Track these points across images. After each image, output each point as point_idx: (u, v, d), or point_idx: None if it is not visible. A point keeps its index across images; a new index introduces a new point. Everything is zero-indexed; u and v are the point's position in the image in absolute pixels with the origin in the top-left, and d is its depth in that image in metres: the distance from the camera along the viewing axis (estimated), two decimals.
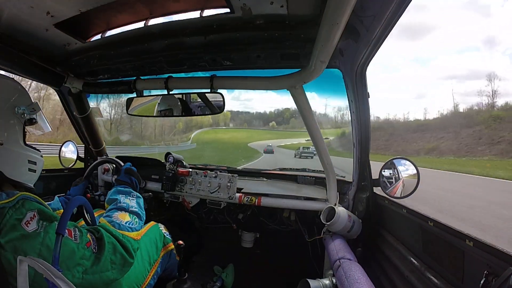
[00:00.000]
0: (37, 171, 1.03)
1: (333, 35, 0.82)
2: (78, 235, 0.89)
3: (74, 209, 0.97)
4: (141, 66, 1.45)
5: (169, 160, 1.93)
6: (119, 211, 1.11)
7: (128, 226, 1.06)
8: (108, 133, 16.80)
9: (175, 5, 1.08)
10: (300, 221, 1.85)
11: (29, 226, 0.80)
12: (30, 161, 0.99)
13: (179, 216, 2.25)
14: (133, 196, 1.21)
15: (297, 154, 23.80)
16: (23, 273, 0.66)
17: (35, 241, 0.79)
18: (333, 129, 18.25)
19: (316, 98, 1.74)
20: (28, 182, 0.99)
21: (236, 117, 57.44)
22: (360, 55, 1.11)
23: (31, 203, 0.85)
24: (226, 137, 41.20)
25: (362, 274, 1.06)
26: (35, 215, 0.83)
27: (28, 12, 1.01)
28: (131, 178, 1.34)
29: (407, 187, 1.43)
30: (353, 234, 1.51)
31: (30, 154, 0.99)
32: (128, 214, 1.11)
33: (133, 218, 1.11)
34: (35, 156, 1.01)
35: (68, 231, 0.86)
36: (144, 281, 1.30)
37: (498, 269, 0.71)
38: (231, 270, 1.94)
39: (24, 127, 0.99)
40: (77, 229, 0.91)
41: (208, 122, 45.54)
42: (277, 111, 62.01)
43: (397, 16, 0.83)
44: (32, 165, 1.00)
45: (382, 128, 47.22)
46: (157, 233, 1.54)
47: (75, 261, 0.85)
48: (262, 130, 53.43)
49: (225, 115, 51.63)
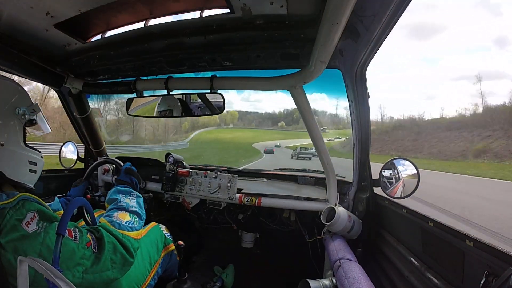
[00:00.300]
0: (38, 171, 1.03)
1: (333, 35, 0.82)
2: (78, 235, 0.89)
3: (74, 210, 0.97)
4: (141, 67, 1.45)
5: (169, 161, 1.93)
6: (119, 210, 1.11)
7: (128, 225, 1.06)
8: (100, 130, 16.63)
9: (175, 5, 1.08)
10: (300, 222, 1.85)
11: (30, 227, 0.80)
12: (30, 162, 0.99)
13: (179, 216, 2.25)
14: (133, 196, 1.21)
15: (294, 155, 22.71)
16: (23, 273, 0.66)
17: (35, 241, 0.79)
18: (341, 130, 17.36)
19: (326, 99, 1.74)
20: (29, 182, 0.99)
21: (244, 117, 56.74)
22: (360, 55, 1.10)
23: (31, 204, 0.85)
24: (228, 137, 40.38)
25: (362, 275, 1.06)
26: (35, 216, 0.83)
27: (28, 12, 1.01)
28: (131, 177, 1.34)
29: (407, 188, 1.43)
30: (353, 235, 1.51)
31: (30, 155, 1.00)
32: (128, 213, 1.11)
33: (133, 218, 1.11)
34: (35, 157, 1.02)
35: (68, 231, 0.87)
36: (145, 281, 1.30)
37: (498, 270, 0.71)
38: (231, 271, 1.94)
39: (25, 128, 0.99)
40: (77, 229, 0.91)
41: (215, 122, 45.34)
42: (286, 111, 60.76)
43: (397, 16, 0.83)
44: (32, 166, 1.00)
45: (404, 127, 41.98)
46: (158, 234, 1.54)
47: (75, 261, 0.85)
48: (270, 130, 52.50)
49: (233, 115, 51.24)
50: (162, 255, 1.49)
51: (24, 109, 0.97)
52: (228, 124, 50.31)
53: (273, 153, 26.71)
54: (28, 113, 0.98)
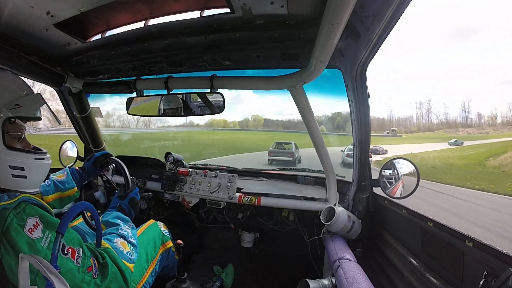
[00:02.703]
0: (31, 176, 0.94)
1: (333, 35, 0.82)
2: (81, 257, 0.87)
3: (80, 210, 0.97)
4: (141, 66, 1.45)
5: (169, 160, 1.93)
6: (120, 237, 1.10)
7: (129, 256, 1.05)
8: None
9: (175, 5, 1.08)
10: (299, 221, 1.85)
11: (34, 234, 0.80)
12: (12, 167, 0.89)
13: (178, 215, 2.25)
14: (130, 226, 1.19)
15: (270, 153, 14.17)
16: (24, 270, 0.66)
17: (38, 250, 0.79)
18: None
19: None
20: (22, 189, 0.92)
21: (271, 123, 50.79)
22: (360, 55, 1.10)
23: (32, 208, 0.84)
24: (225, 138, 38.70)
25: (362, 275, 1.06)
26: (38, 223, 0.82)
27: (28, 12, 1.01)
28: (131, 210, 1.30)
29: (407, 188, 1.43)
30: (353, 234, 1.51)
31: (12, 159, 0.89)
32: (127, 243, 1.10)
33: (131, 249, 1.10)
34: (22, 160, 0.92)
35: (72, 250, 0.86)
36: (142, 278, 1.31)
37: (497, 270, 0.71)
38: (231, 270, 1.94)
39: (3, 128, 0.89)
40: (82, 250, 0.89)
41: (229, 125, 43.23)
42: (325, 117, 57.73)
43: (397, 17, 0.83)
44: (17, 171, 0.90)
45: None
46: (155, 231, 1.55)
47: (76, 284, 0.84)
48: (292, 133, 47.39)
49: (258, 120, 48.46)
50: (160, 252, 1.50)
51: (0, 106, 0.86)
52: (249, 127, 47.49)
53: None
54: (5, 111, 0.87)
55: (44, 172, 1.04)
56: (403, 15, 0.82)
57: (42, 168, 1.02)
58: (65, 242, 0.86)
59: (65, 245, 0.86)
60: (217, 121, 41.11)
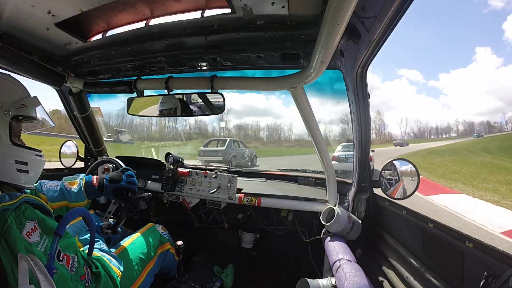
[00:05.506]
0: (31, 171, 0.98)
1: (334, 36, 0.82)
2: (75, 266, 0.89)
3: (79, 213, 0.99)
4: (142, 66, 1.45)
5: (169, 160, 1.93)
6: (103, 252, 1.16)
7: (118, 264, 1.13)
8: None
9: (176, 5, 1.08)
10: (299, 222, 1.85)
11: (31, 238, 0.80)
12: (17, 161, 0.93)
13: (179, 216, 2.24)
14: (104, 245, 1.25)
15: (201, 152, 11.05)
16: (23, 270, 0.66)
17: (34, 254, 0.79)
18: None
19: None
20: (23, 183, 0.95)
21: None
22: (361, 56, 1.11)
23: (32, 211, 0.84)
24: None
25: (362, 275, 1.06)
26: (36, 227, 0.82)
27: (29, 11, 1.01)
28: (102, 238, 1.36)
29: (407, 188, 1.43)
30: (353, 235, 1.51)
31: (18, 154, 0.94)
32: (111, 255, 1.17)
33: (115, 260, 1.17)
34: (26, 156, 0.96)
35: (67, 258, 0.87)
36: (138, 278, 1.32)
37: (498, 271, 0.71)
38: (231, 271, 1.94)
39: (11, 125, 0.93)
40: (77, 258, 0.91)
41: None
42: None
43: (398, 18, 0.83)
44: (21, 166, 0.94)
45: None
46: (153, 232, 1.55)
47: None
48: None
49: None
50: (158, 252, 1.50)
51: (8, 105, 0.91)
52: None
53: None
54: (13, 109, 0.92)
55: (40, 170, 1.07)
56: (404, 16, 0.83)
57: (40, 165, 1.05)
58: (61, 248, 0.86)
59: (60, 251, 0.86)
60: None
